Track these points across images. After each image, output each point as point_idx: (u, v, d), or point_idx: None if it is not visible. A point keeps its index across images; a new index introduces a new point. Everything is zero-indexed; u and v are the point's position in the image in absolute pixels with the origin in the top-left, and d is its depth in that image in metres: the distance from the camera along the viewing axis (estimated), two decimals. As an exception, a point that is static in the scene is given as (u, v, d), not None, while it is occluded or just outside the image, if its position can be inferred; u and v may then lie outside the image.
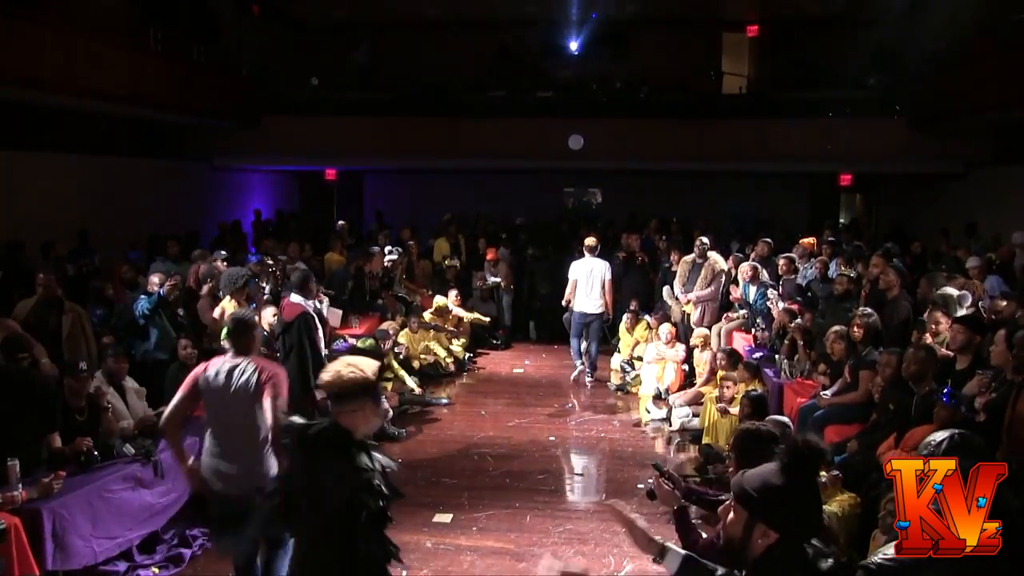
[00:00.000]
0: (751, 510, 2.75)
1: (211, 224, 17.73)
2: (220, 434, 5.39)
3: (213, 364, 5.44)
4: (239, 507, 4.90)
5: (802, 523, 2.81)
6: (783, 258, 11.92)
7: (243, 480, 5.20)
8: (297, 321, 8.20)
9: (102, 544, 6.17)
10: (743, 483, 2.81)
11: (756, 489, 2.76)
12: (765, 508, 2.73)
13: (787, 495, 2.75)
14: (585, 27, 21.47)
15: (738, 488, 2.82)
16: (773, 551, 2.72)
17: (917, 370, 6.69)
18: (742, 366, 9.56)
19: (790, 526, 2.75)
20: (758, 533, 2.73)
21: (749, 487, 2.77)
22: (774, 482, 2.75)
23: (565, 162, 19.72)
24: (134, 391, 7.66)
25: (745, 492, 2.78)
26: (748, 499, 2.77)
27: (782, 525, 2.72)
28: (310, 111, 19.77)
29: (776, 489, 2.74)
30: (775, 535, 2.72)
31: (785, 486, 2.75)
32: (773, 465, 2.84)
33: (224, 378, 5.34)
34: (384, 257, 14.05)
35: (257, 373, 5.32)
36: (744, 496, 2.78)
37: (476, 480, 8.88)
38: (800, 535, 2.79)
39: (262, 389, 5.28)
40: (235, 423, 5.32)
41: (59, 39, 12.37)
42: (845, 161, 19.03)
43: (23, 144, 13.67)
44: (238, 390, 5.30)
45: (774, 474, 2.78)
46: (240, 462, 5.31)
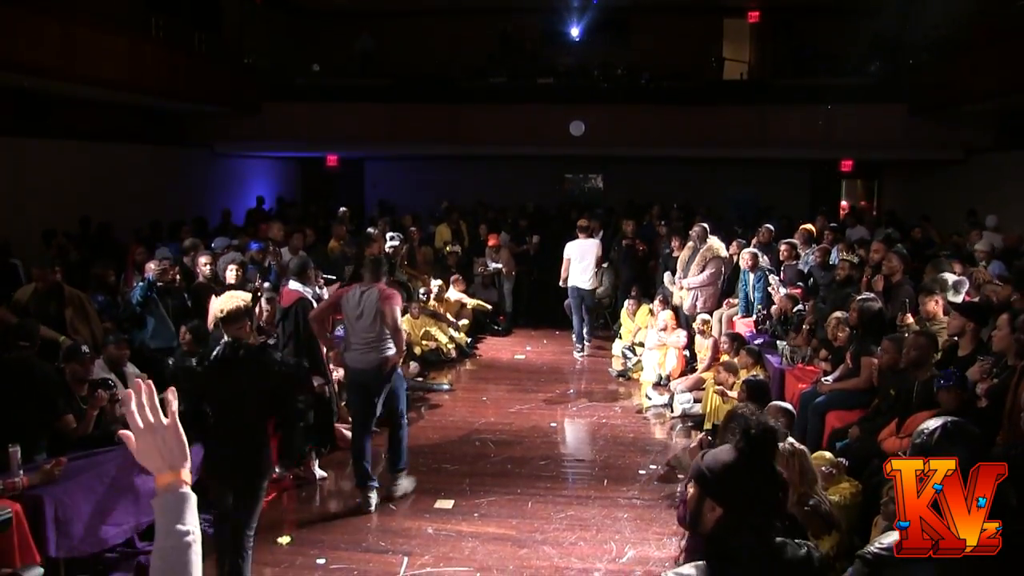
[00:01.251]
0: (700, 485, 2.85)
1: (212, 211, 17.72)
2: (354, 333, 7.71)
3: (352, 288, 7.96)
4: (366, 377, 7.72)
5: (750, 500, 2.83)
6: (784, 244, 11.90)
7: (369, 361, 7.66)
8: (294, 307, 8.23)
9: (108, 531, 6.15)
10: (700, 461, 2.92)
11: (707, 466, 2.86)
12: (711, 483, 2.81)
13: (735, 472, 2.81)
14: (586, 13, 21.38)
15: (695, 466, 2.95)
16: (720, 525, 2.79)
17: (917, 356, 6.69)
18: (744, 351, 9.56)
19: (735, 501, 2.80)
20: (707, 507, 2.81)
21: (704, 465, 2.88)
22: (724, 459, 2.84)
23: (566, 148, 19.70)
24: (135, 377, 7.64)
25: (697, 468, 2.90)
26: (699, 474, 2.87)
27: (726, 500, 2.79)
28: (311, 97, 19.72)
29: (724, 465, 2.82)
30: (720, 509, 2.79)
31: (734, 463, 2.82)
32: (728, 445, 2.93)
33: (358, 297, 7.69)
34: (385, 243, 14.05)
35: (379, 293, 7.63)
36: (696, 471, 2.90)
37: (477, 466, 8.91)
38: (747, 511, 2.81)
39: (382, 304, 7.58)
40: (364, 326, 7.62)
41: (60, 26, 12.33)
42: (846, 147, 19.02)
43: (24, 131, 13.65)
44: (366, 306, 7.61)
45: (726, 452, 2.87)
46: (366, 350, 7.65)
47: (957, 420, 3.88)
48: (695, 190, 20.87)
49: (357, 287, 7.89)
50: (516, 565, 6.57)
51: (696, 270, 12.26)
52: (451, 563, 6.59)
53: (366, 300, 7.65)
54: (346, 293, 7.93)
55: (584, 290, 13.36)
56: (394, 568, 6.48)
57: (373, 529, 7.24)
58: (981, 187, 17.03)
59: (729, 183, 22.38)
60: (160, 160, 17.68)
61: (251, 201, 20.29)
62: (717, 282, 12.38)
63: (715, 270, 12.24)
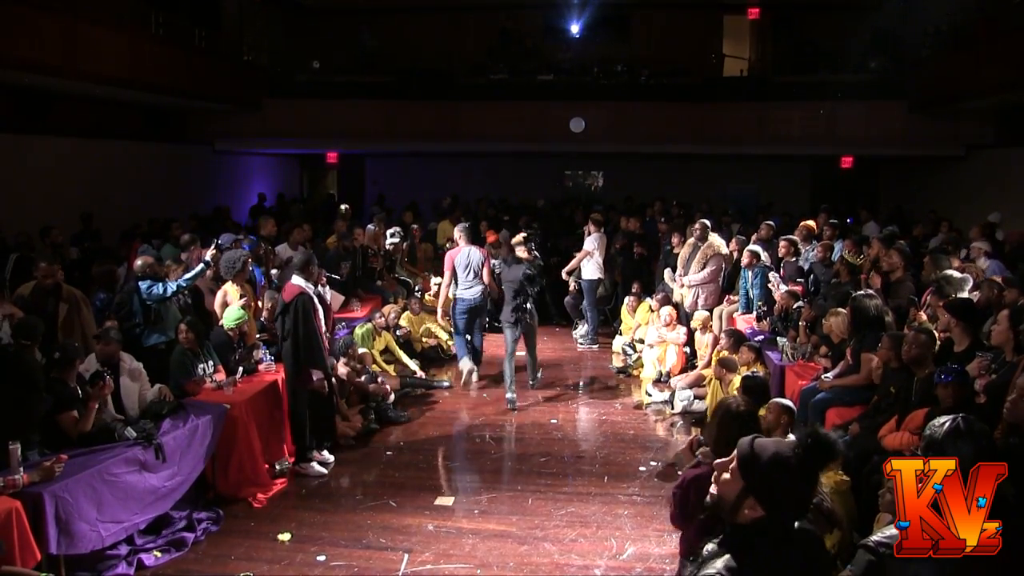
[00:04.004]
0: (749, 481, 2.74)
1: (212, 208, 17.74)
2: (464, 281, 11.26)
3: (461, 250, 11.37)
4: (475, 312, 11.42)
5: (793, 507, 2.80)
6: (784, 240, 11.89)
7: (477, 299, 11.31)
8: (295, 302, 8.22)
9: (109, 528, 6.17)
10: (752, 452, 2.78)
11: (764, 464, 2.74)
12: (764, 484, 2.72)
13: (791, 479, 2.73)
14: (586, 10, 21.38)
15: (746, 455, 2.78)
16: (758, 523, 2.72)
17: (918, 353, 6.69)
18: (744, 348, 9.55)
19: (781, 507, 2.74)
20: (748, 504, 2.72)
21: (757, 460, 2.75)
22: (784, 464, 2.73)
23: (566, 145, 19.70)
24: (128, 372, 7.56)
25: (751, 462, 2.76)
26: (751, 470, 2.75)
27: (774, 505, 2.72)
28: (311, 94, 19.71)
29: (784, 472, 2.72)
30: (761, 511, 2.71)
31: (793, 470, 2.73)
32: (787, 445, 2.83)
33: (466, 256, 11.27)
34: (379, 234, 14.05)
35: (480, 252, 11.39)
36: (748, 466, 2.76)
37: (478, 463, 8.93)
38: (788, 518, 2.78)
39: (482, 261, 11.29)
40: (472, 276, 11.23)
41: (60, 23, 12.32)
42: (846, 144, 19.00)
43: (24, 128, 13.66)
44: (472, 261, 11.23)
45: (787, 456, 2.76)
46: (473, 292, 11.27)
47: (967, 416, 3.88)
48: (695, 187, 20.86)
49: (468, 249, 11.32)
50: (516, 562, 6.58)
51: (697, 267, 12.26)
52: (451, 560, 6.59)
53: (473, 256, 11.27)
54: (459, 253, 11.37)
55: (596, 282, 13.77)
56: (394, 565, 6.48)
57: (373, 526, 7.24)
58: (981, 183, 17.03)
59: (729, 180, 22.38)
60: (161, 157, 17.69)
61: (252, 198, 20.31)
62: (718, 279, 12.38)
63: (715, 267, 12.25)
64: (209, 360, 8.37)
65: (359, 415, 9.83)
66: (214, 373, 8.33)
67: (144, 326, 8.57)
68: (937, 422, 3.83)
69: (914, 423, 5.97)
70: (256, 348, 9.04)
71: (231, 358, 8.68)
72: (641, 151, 20.32)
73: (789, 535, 2.78)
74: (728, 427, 4.20)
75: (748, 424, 4.23)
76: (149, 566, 6.44)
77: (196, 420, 7.34)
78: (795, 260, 11.66)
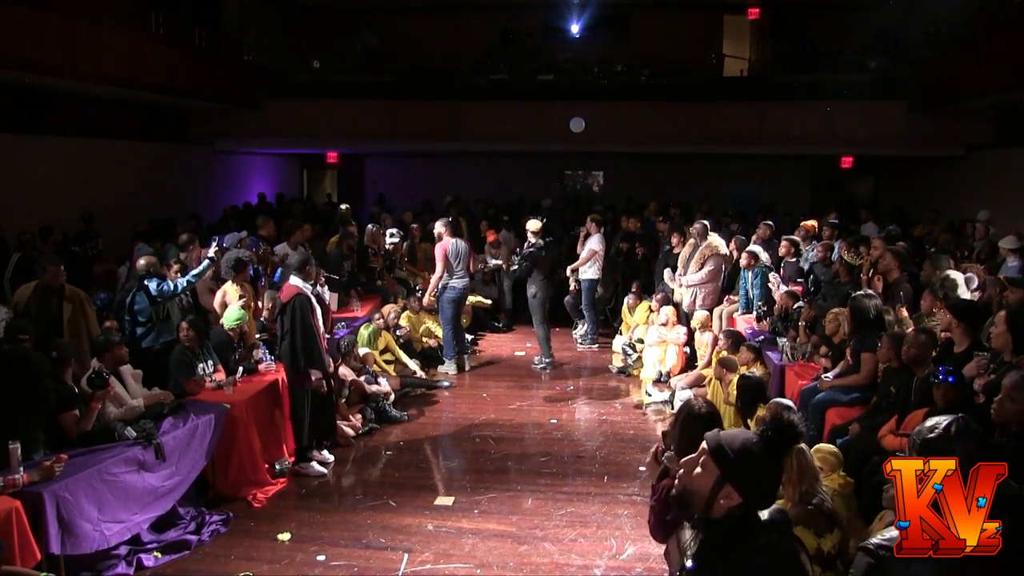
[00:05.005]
0: (724, 470, 2.77)
1: (212, 208, 17.74)
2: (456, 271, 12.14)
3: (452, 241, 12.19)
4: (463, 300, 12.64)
5: (766, 492, 2.85)
6: (784, 240, 11.90)
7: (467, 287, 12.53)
8: (293, 302, 8.23)
9: (111, 528, 6.16)
10: (721, 441, 2.82)
11: (735, 451, 2.78)
12: (739, 471, 2.75)
13: (762, 464, 2.79)
14: (586, 10, 21.38)
15: (715, 445, 2.82)
16: (733, 512, 2.75)
17: (917, 353, 6.69)
18: (744, 348, 9.55)
19: (757, 491, 2.79)
20: (723, 493, 2.75)
21: (728, 447, 2.79)
22: (754, 449, 2.79)
23: (566, 145, 19.68)
24: (131, 374, 7.63)
25: (723, 451, 2.79)
26: (724, 459, 2.78)
27: (748, 488, 2.76)
28: (311, 94, 19.69)
29: (754, 456, 2.78)
30: (739, 498, 2.75)
31: (762, 456, 2.79)
32: (752, 433, 2.89)
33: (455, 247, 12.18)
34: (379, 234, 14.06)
35: (465, 244, 12.51)
36: (720, 455, 2.79)
37: (477, 463, 8.93)
38: (761, 503, 2.82)
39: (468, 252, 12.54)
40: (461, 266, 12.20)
41: (60, 22, 12.31)
42: (846, 144, 18.99)
43: (24, 128, 13.66)
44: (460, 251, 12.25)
45: (754, 442, 2.81)
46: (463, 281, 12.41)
47: (965, 416, 3.88)
48: (695, 187, 20.85)
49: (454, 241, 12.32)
50: (516, 562, 6.58)
51: (696, 267, 12.27)
52: (451, 560, 6.60)
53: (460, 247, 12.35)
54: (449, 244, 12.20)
55: (594, 281, 13.80)
56: (394, 565, 6.49)
57: (373, 526, 7.24)
58: (981, 183, 17.03)
59: (729, 180, 22.38)
60: (161, 157, 17.68)
61: (253, 198, 20.32)
62: (717, 279, 12.39)
63: (715, 267, 12.25)
64: (209, 360, 8.37)
65: (359, 415, 9.84)
66: (214, 373, 8.34)
67: (155, 324, 8.61)
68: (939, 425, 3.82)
69: (914, 424, 5.96)
70: (256, 348, 9.05)
71: (231, 358, 8.69)
72: (641, 151, 20.30)
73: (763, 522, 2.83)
74: (691, 428, 4.19)
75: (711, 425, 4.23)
76: (149, 566, 6.44)
77: (196, 420, 7.34)
78: (795, 260, 11.66)
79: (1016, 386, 4.73)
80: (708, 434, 2.92)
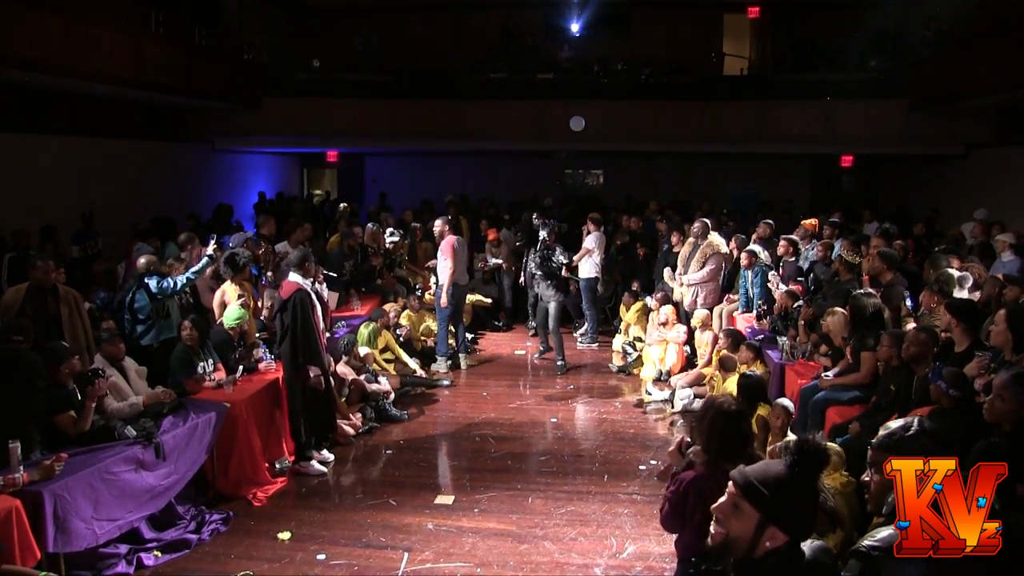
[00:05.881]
0: (765, 512, 2.68)
1: (212, 207, 17.73)
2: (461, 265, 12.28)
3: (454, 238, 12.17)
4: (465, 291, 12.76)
5: (808, 523, 2.78)
6: (784, 239, 11.89)
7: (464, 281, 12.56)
8: (293, 299, 8.23)
9: (103, 526, 6.16)
10: (751, 480, 2.72)
11: (770, 489, 2.69)
12: (778, 510, 2.67)
13: (797, 496, 2.71)
14: (586, 8, 21.37)
15: (746, 485, 2.72)
16: (778, 552, 2.68)
17: (916, 352, 6.69)
18: (744, 347, 9.56)
19: (798, 527, 2.72)
20: (768, 536, 2.67)
21: (762, 486, 2.69)
22: (788, 483, 2.70)
23: (566, 144, 19.69)
24: (135, 371, 7.64)
25: (758, 491, 2.69)
26: (761, 500, 2.69)
27: (793, 527, 2.69)
28: (311, 93, 19.66)
29: (790, 490, 2.69)
30: (783, 537, 2.67)
31: (797, 487, 2.71)
32: (778, 464, 2.79)
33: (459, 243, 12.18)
34: (379, 233, 14.07)
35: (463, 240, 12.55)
36: (757, 496, 2.70)
37: (478, 462, 8.93)
38: (804, 535, 2.76)
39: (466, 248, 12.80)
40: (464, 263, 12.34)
41: (60, 21, 12.29)
42: (846, 143, 18.98)
43: (24, 127, 13.64)
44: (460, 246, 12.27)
45: (783, 475, 2.72)
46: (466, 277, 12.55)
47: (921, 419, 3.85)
48: (695, 186, 20.86)
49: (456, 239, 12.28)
50: (516, 561, 6.59)
51: (696, 266, 12.27)
52: (451, 559, 6.60)
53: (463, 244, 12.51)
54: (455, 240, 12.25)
55: (594, 280, 13.85)
56: (394, 564, 6.49)
57: (373, 525, 7.25)
58: (981, 182, 17.02)
59: (729, 178, 22.38)
60: (161, 156, 17.66)
61: (253, 196, 20.32)
62: (717, 278, 12.39)
63: (715, 266, 12.26)
64: (209, 359, 8.37)
65: (359, 414, 9.85)
66: (213, 372, 8.34)
67: (155, 322, 8.62)
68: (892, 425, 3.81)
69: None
70: (256, 347, 9.05)
71: (231, 357, 8.69)
72: (641, 150, 20.31)
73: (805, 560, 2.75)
74: (720, 426, 4.18)
75: (739, 422, 4.22)
76: (149, 565, 6.44)
77: (196, 419, 7.34)
78: (795, 260, 11.66)
79: (1006, 385, 4.73)
80: (733, 473, 2.82)
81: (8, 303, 7.73)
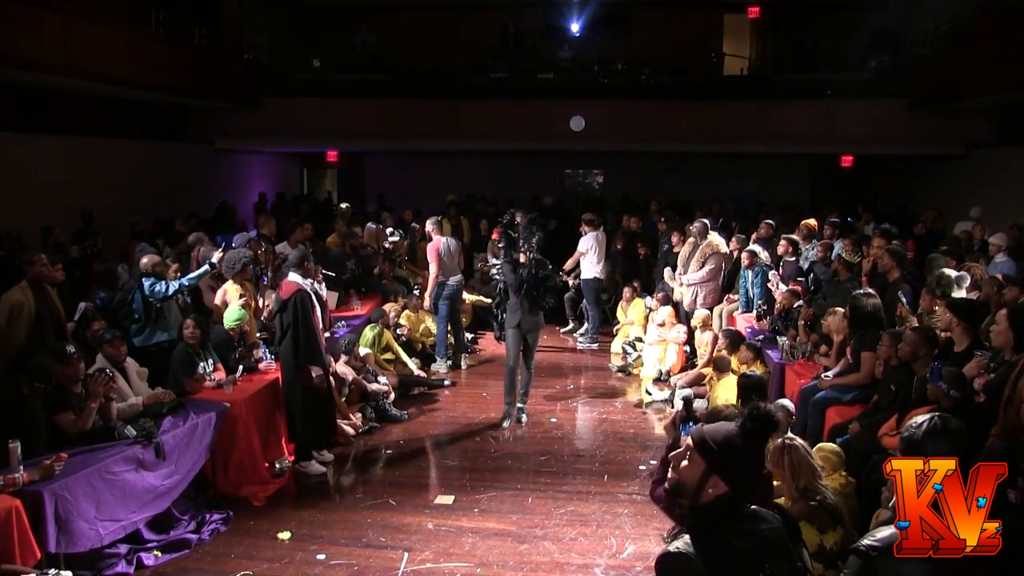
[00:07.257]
0: (710, 461, 2.90)
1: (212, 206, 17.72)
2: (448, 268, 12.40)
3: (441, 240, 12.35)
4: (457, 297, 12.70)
5: (750, 481, 3.00)
6: (784, 239, 11.89)
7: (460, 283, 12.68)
8: (293, 299, 8.22)
9: (107, 527, 6.16)
10: (704, 435, 2.96)
11: (718, 443, 2.91)
12: (723, 462, 2.88)
13: (744, 454, 2.92)
14: (586, 8, 21.39)
15: (699, 439, 2.96)
16: (720, 500, 2.88)
17: (911, 351, 6.72)
18: (744, 346, 9.56)
19: (741, 480, 2.91)
20: (711, 483, 2.88)
21: (712, 440, 2.92)
22: (736, 441, 2.91)
23: (566, 144, 19.68)
24: (136, 372, 7.64)
25: (707, 444, 2.93)
26: (709, 451, 2.91)
27: (733, 478, 2.88)
28: (311, 93, 19.66)
29: (736, 447, 2.90)
30: (725, 487, 2.87)
31: (743, 446, 2.91)
32: (732, 425, 2.99)
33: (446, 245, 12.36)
34: (380, 233, 14.07)
35: (455, 241, 12.80)
36: (705, 448, 2.93)
37: (478, 462, 8.93)
38: (745, 492, 2.95)
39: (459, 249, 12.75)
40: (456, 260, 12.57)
41: (60, 21, 12.29)
42: (846, 143, 18.98)
43: (24, 126, 13.63)
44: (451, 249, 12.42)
45: (735, 434, 2.93)
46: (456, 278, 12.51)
47: (943, 415, 3.87)
48: (695, 186, 20.86)
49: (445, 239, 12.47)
50: (516, 561, 6.59)
51: (696, 266, 12.28)
52: (451, 559, 6.60)
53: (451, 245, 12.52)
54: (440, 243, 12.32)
55: (593, 280, 13.84)
56: (394, 564, 6.49)
57: (373, 524, 7.25)
58: (981, 182, 17.02)
59: (729, 178, 22.38)
60: (161, 156, 17.64)
61: (253, 196, 20.31)
62: (717, 278, 12.40)
63: (715, 266, 12.27)
64: (209, 359, 8.37)
65: (359, 414, 9.85)
66: (213, 372, 8.34)
67: (145, 324, 8.58)
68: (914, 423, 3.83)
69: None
70: (256, 347, 9.05)
71: (231, 357, 8.69)
72: (641, 150, 20.30)
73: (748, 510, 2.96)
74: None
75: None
76: (149, 565, 6.44)
77: (196, 419, 7.33)
78: (795, 260, 11.66)
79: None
80: (692, 429, 3.10)
81: (17, 302, 7.42)
